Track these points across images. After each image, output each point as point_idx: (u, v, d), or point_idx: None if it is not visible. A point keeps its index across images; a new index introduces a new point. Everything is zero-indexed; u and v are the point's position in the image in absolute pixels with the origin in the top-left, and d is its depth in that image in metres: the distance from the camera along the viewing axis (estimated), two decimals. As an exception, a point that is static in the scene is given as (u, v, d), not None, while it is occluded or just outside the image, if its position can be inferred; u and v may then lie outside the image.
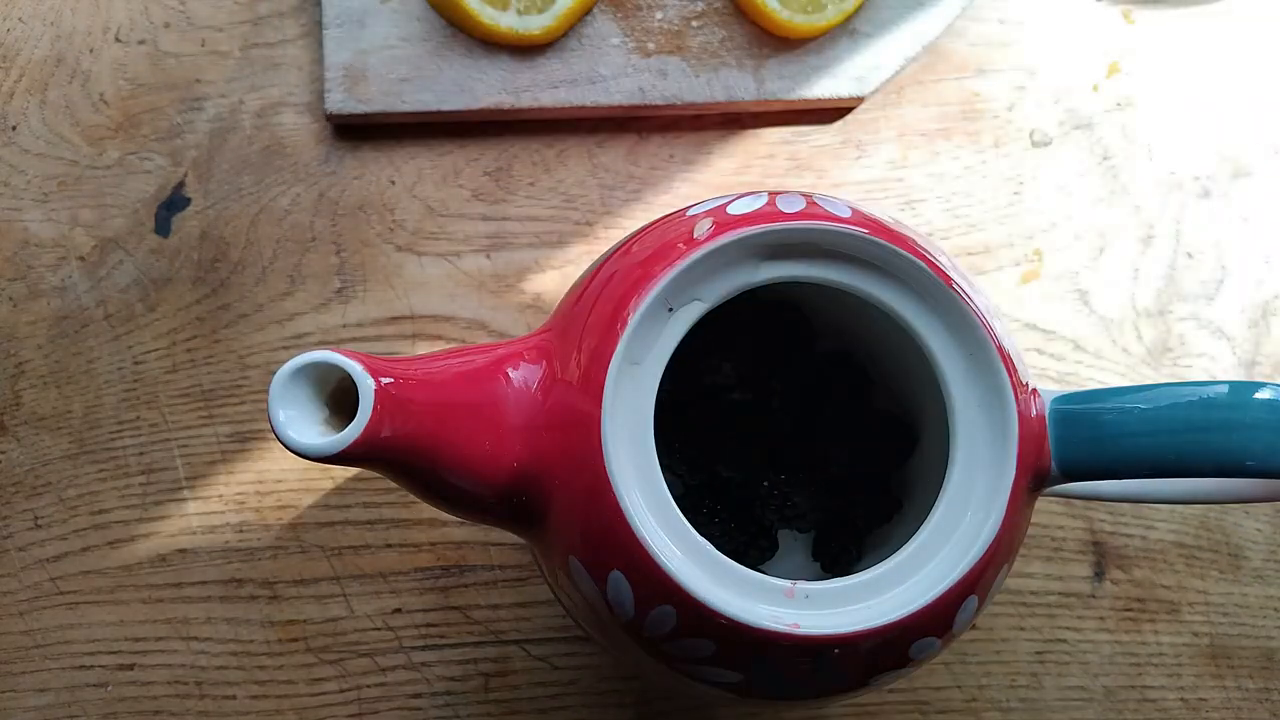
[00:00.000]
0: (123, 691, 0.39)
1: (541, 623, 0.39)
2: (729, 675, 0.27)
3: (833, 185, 0.43)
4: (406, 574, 0.39)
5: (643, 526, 0.25)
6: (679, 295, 0.27)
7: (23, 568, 0.39)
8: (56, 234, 0.41)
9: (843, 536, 0.37)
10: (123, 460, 0.40)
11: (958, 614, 0.27)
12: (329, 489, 0.40)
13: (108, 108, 0.42)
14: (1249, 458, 0.26)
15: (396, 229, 0.42)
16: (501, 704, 0.39)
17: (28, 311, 0.41)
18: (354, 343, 0.41)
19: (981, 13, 0.44)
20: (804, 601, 0.26)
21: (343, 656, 0.39)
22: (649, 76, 0.42)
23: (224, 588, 0.39)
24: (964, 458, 0.27)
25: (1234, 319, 0.43)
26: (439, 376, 0.27)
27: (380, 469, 0.26)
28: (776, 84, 0.42)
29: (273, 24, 0.43)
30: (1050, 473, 0.28)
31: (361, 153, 0.42)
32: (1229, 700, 0.40)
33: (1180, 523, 0.41)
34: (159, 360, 0.41)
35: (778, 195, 0.29)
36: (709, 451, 0.36)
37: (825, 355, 0.37)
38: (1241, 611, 0.40)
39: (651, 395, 0.26)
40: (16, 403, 0.40)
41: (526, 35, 0.40)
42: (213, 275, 0.41)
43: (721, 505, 0.36)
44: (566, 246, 0.42)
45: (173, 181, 0.42)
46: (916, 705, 0.39)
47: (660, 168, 0.43)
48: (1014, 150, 0.43)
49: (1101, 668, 0.40)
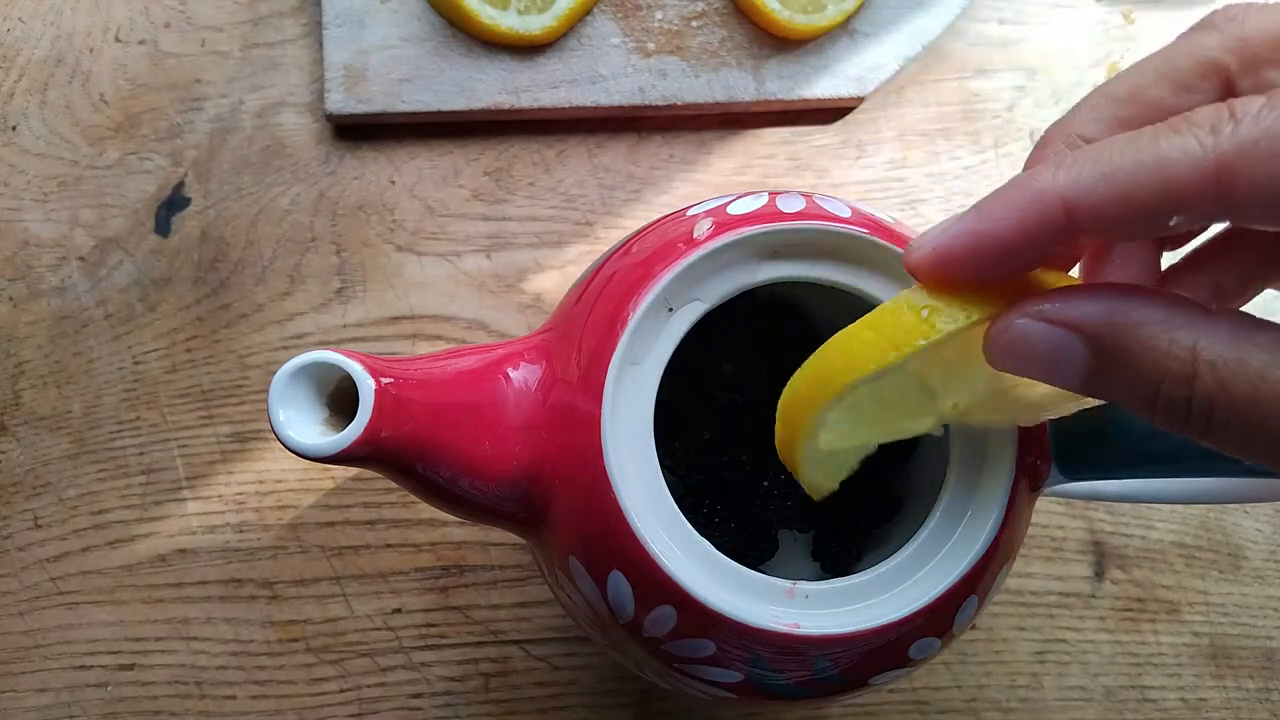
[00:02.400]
0: (123, 691, 0.39)
1: (541, 623, 0.39)
2: (729, 675, 0.27)
3: (833, 185, 0.43)
4: (406, 574, 0.39)
5: (643, 526, 0.25)
6: (679, 295, 0.27)
7: (23, 568, 0.39)
8: (56, 234, 0.41)
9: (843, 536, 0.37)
10: (123, 460, 0.40)
11: (958, 614, 0.27)
12: (329, 489, 0.40)
13: (108, 108, 0.42)
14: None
15: (396, 229, 0.42)
16: (501, 704, 0.39)
17: (28, 311, 0.41)
18: (354, 343, 0.41)
19: (981, 13, 0.44)
20: (804, 601, 0.26)
21: (343, 656, 0.39)
22: (649, 76, 0.42)
23: (224, 588, 0.39)
24: (964, 458, 0.27)
25: (1234, 319, 0.42)
26: (439, 377, 0.27)
27: (380, 469, 0.26)
28: (776, 84, 0.42)
29: (273, 24, 0.43)
30: (1050, 473, 0.28)
31: (361, 153, 0.42)
32: (1229, 700, 0.40)
33: (1180, 523, 0.41)
34: (159, 360, 0.41)
35: (778, 195, 0.29)
36: (709, 451, 0.36)
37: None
38: (1241, 611, 0.40)
39: (651, 395, 0.26)
40: (16, 403, 0.40)
41: (526, 35, 0.40)
42: (213, 275, 0.41)
43: (721, 505, 0.36)
44: (566, 246, 0.42)
45: (173, 181, 0.42)
46: (916, 705, 0.39)
47: (660, 168, 0.43)
48: (1014, 150, 0.43)
49: (1101, 668, 0.40)
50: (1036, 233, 0.19)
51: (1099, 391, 0.20)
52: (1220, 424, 0.18)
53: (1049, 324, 0.19)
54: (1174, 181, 0.18)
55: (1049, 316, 0.20)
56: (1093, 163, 0.19)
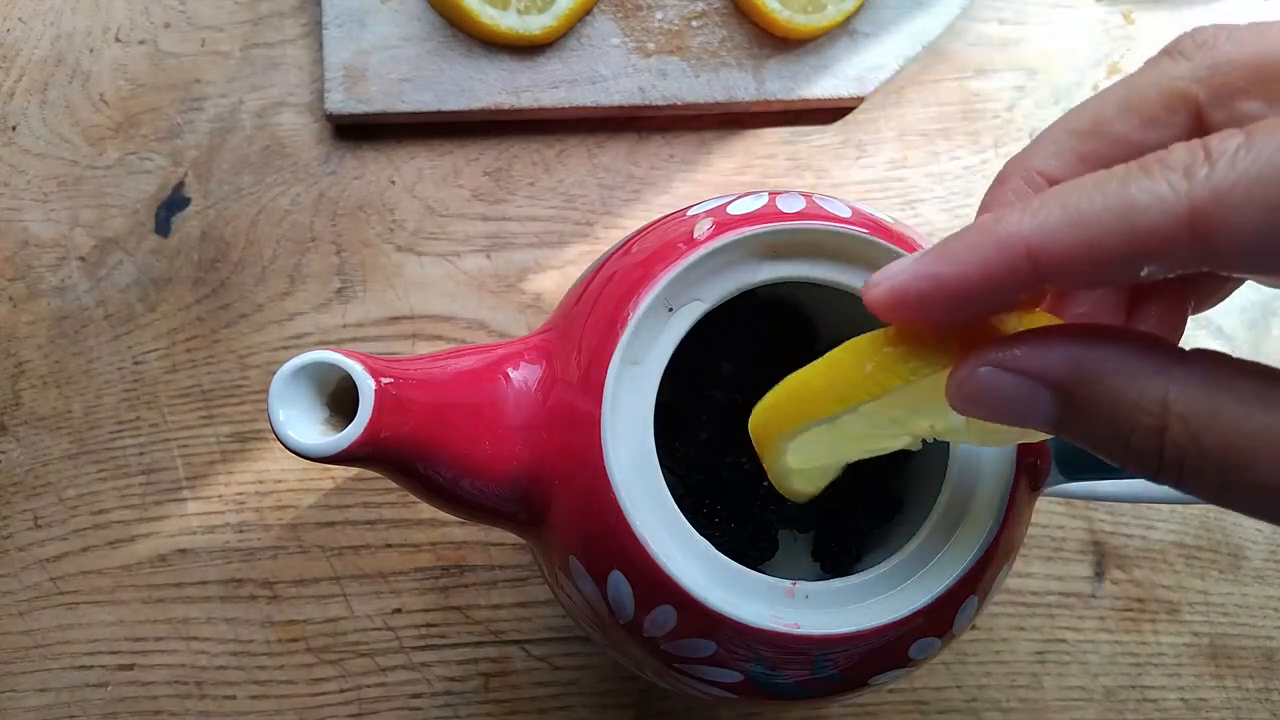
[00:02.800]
0: (123, 691, 0.39)
1: (541, 623, 0.39)
2: (729, 675, 0.27)
3: (833, 185, 0.43)
4: (406, 574, 0.39)
5: (643, 526, 0.25)
6: (679, 295, 0.27)
7: (23, 568, 0.39)
8: (56, 234, 0.41)
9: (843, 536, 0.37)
10: (123, 460, 0.40)
11: (958, 614, 0.27)
12: (329, 489, 0.40)
13: (108, 108, 0.42)
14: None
15: (396, 229, 0.42)
16: (501, 704, 0.39)
17: (28, 311, 0.41)
18: (354, 343, 0.41)
19: (981, 13, 0.44)
20: (804, 601, 0.26)
21: (343, 656, 0.39)
22: (649, 76, 0.42)
23: (224, 588, 0.39)
24: (964, 458, 0.27)
25: (1234, 319, 0.42)
26: (439, 377, 0.27)
27: (380, 469, 0.26)
28: (776, 84, 0.42)
29: (273, 24, 0.43)
30: (1050, 472, 0.28)
31: (361, 153, 0.42)
32: (1229, 700, 0.40)
33: (1180, 523, 0.41)
34: (159, 360, 0.41)
35: (778, 195, 0.29)
36: (709, 451, 0.36)
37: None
38: (1241, 611, 0.40)
39: (651, 395, 0.26)
40: (16, 403, 0.40)
41: (526, 35, 0.40)
42: (213, 275, 0.41)
43: (721, 505, 0.36)
44: (566, 246, 0.42)
45: (173, 181, 0.42)
46: (916, 705, 0.39)
47: (660, 168, 0.43)
48: (1014, 150, 0.43)
49: (1101, 668, 0.40)
50: (1000, 279, 0.18)
51: (1069, 436, 0.19)
52: (1193, 472, 0.18)
53: (1012, 373, 0.19)
54: (1145, 229, 0.16)
55: (1011, 365, 0.19)
56: (1060, 208, 0.17)
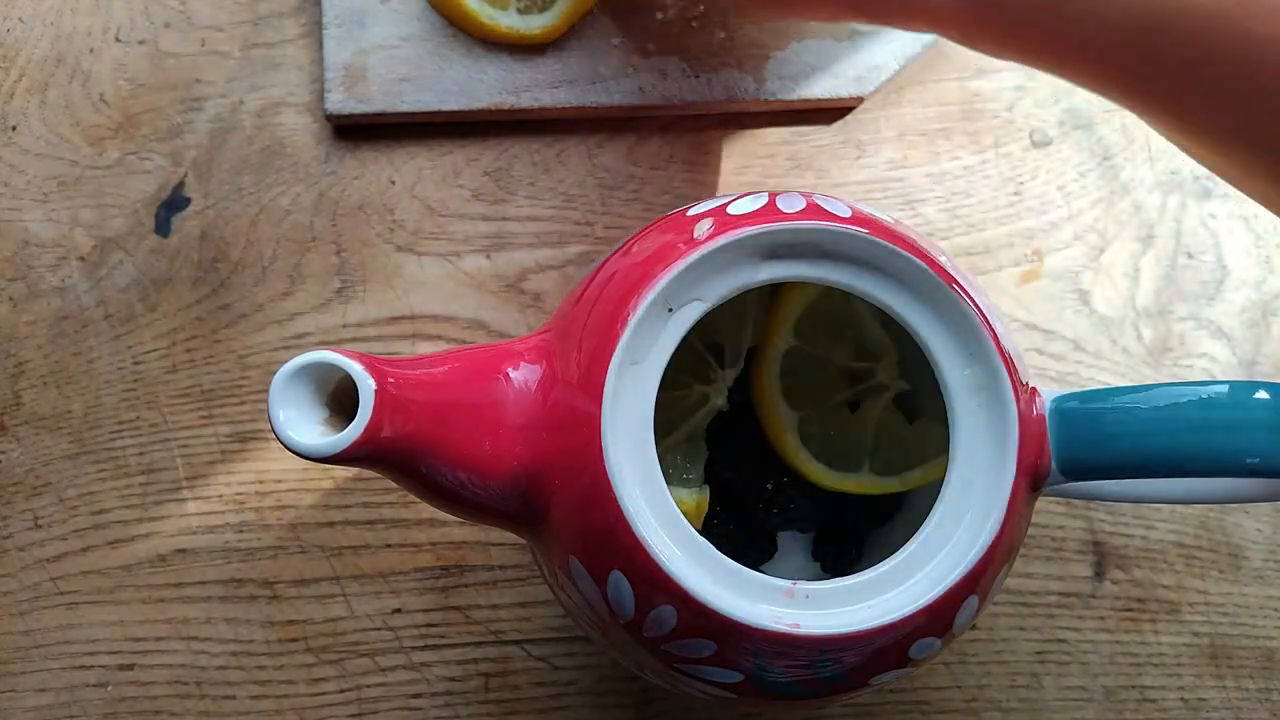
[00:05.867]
0: (123, 691, 0.39)
1: (541, 623, 0.39)
2: (729, 675, 0.27)
3: (833, 185, 0.43)
4: (406, 574, 0.39)
5: (643, 526, 0.25)
6: (679, 295, 0.27)
7: (23, 568, 0.39)
8: (56, 234, 0.41)
9: (843, 537, 0.37)
10: (123, 460, 0.40)
11: (958, 614, 0.27)
12: (329, 489, 0.40)
13: (108, 108, 0.42)
14: (1249, 457, 0.26)
15: (396, 229, 0.42)
16: (501, 704, 0.39)
17: (28, 311, 0.41)
18: (354, 343, 0.41)
19: (981, 13, 0.44)
20: (804, 601, 0.26)
21: (343, 656, 0.39)
22: (649, 76, 0.42)
23: (224, 588, 0.39)
24: (964, 458, 0.27)
25: (1234, 319, 0.43)
26: (439, 377, 0.27)
27: (380, 469, 0.26)
28: (776, 84, 0.42)
29: (273, 24, 0.43)
30: (1050, 473, 0.28)
31: (361, 153, 0.42)
32: (1229, 700, 0.40)
33: (1180, 523, 0.41)
34: (159, 360, 0.41)
35: (778, 195, 0.29)
36: (709, 452, 0.36)
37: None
38: (1241, 611, 0.40)
39: (651, 395, 0.26)
40: (16, 403, 0.40)
41: (526, 35, 0.40)
42: (213, 275, 0.41)
43: (722, 506, 0.36)
44: (566, 246, 0.42)
45: (173, 181, 0.42)
46: (916, 705, 0.39)
47: (660, 168, 0.43)
48: (1014, 150, 0.43)
49: (1101, 668, 0.40)
50: None
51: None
52: None
53: None
54: None
55: None
56: None
